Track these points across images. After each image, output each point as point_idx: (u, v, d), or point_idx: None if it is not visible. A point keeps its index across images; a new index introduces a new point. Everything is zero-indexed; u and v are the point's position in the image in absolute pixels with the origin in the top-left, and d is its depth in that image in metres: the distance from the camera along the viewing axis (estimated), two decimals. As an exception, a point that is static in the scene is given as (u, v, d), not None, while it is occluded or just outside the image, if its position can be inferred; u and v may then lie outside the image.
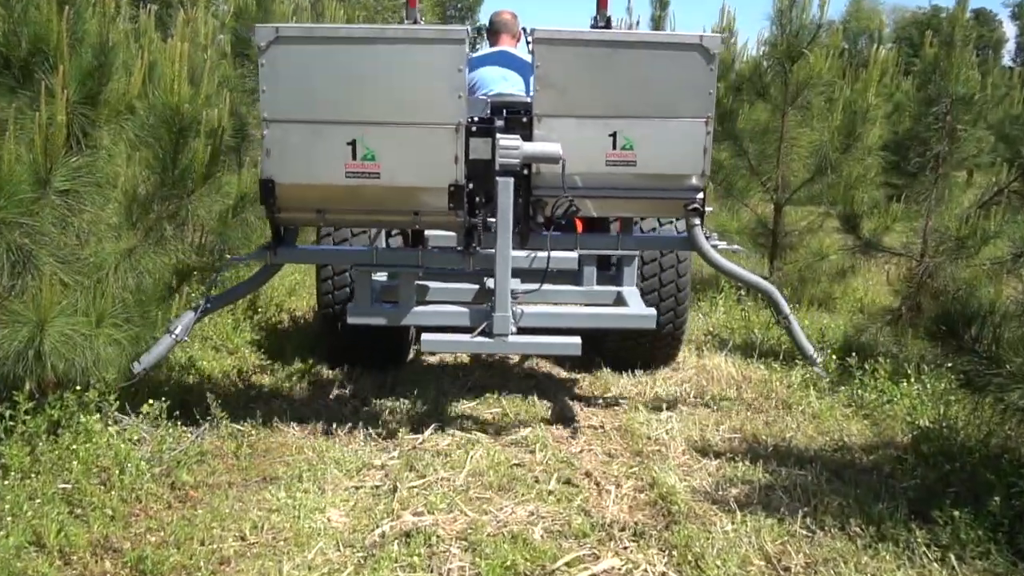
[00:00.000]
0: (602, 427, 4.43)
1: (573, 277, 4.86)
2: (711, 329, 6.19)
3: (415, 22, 5.29)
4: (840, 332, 5.69)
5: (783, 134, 7.19)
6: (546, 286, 4.59)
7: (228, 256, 4.42)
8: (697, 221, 4.35)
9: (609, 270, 5.03)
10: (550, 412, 4.62)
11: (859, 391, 4.70)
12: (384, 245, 4.91)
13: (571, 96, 4.06)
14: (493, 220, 4.16)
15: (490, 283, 4.38)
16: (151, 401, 3.83)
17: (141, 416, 3.84)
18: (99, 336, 3.60)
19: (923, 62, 5.87)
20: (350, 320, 4.41)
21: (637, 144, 4.10)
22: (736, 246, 5.06)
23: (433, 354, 5.53)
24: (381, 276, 4.87)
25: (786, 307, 4.62)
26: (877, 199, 6.48)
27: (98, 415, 3.63)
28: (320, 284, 5.05)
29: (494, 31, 5.48)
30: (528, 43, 4.58)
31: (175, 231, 4.03)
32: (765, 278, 4.94)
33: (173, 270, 4.15)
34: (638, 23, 11.97)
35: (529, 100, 4.47)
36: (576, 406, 4.73)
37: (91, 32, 3.75)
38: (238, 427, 4.19)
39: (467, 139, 3.99)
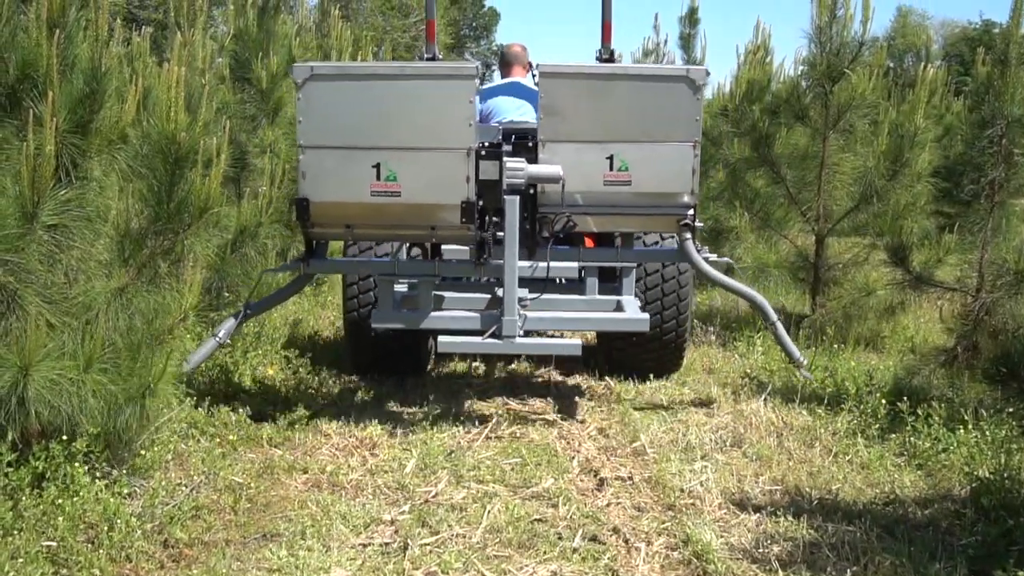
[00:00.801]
0: (630, 478, 4.40)
1: (578, 287, 5.68)
2: (748, 371, 6.17)
3: (433, 56, 6.10)
4: (890, 374, 5.65)
5: (824, 160, 7.20)
6: (552, 295, 5.48)
7: (227, 294, 4.47)
8: (689, 235, 5.22)
9: (613, 282, 5.69)
10: (574, 461, 4.61)
11: (912, 439, 4.66)
12: (404, 259, 5.76)
13: (572, 123, 5.01)
14: (502, 234, 5.07)
15: (499, 291, 5.26)
16: (142, 452, 3.84)
17: (132, 467, 3.85)
18: (87, 381, 3.62)
19: (975, 81, 5.88)
20: (374, 324, 5.26)
21: (632, 166, 5.02)
22: (726, 258, 5.94)
23: (448, 363, 5.56)
24: (402, 287, 5.69)
25: (773, 315, 5.55)
26: (928, 229, 6.48)
27: (86, 467, 3.64)
28: (346, 295, 5.94)
29: (506, 63, 6.54)
30: (534, 75, 5.61)
31: (170, 268, 4.07)
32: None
33: (167, 310, 4.18)
34: (666, 42, 12.14)
35: (536, 125, 5.25)
36: (602, 455, 4.71)
37: (82, 57, 3.80)
38: (236, 479, 4.19)
39: (477, 162, 4.89)
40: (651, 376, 6.03)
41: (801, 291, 7.65)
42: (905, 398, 4.85)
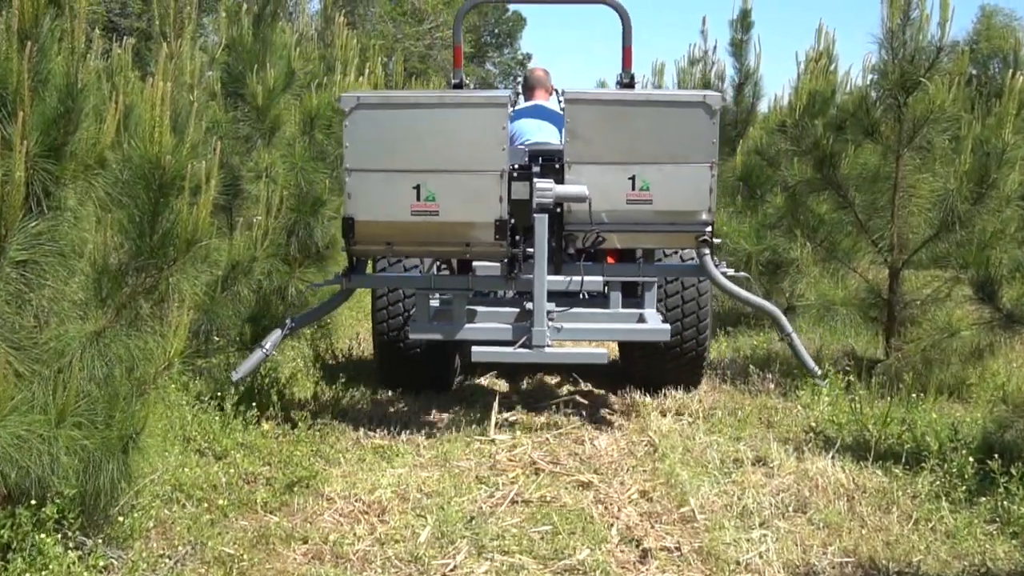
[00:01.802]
0: (678, 549, 4.37)
1: (602, 302, 6.78)
2: (813, 424, 6.12)
3: (460, 81, 7.35)
4: (978, 428, 5.59)
5: (898, 181, 7.18)
6: (579, 309, 6.63)
7: (216, 338, 4.49)
8: (707, 251, 6.23)
9: (636, 297, 6.78)
10: (612, 529, 4.58)
11: (1004, 503, 4.60)
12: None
13: (596, 146, 6.04)
14: (531, 250, 6.10)
15: (528, 305, 6.32)
16: (120, 518, 3.85)
17: (108, 536, 3.85)
18: (60, 437, 3.63)
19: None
20: (411, 336, 6.37)
21: (653, 185, 6.03)
22: (742, 272, 6.98)
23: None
24: (433, 302, 6.65)
25: (788, 327, 6.57)
26: (1019, 260, 6.40)
27: (57, 535, 3.65)
28: (375, 312, 6.92)
29: (529, 87, 7.90)
30: (560, 100, 6.67)
31: (153, 309, 4.09)
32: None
33: (150, 356, 4.20)
34: (715, 48, 12.19)
35: (561, 147, 6.30)
36: (645, 522, 4.68)
37: (57, 72, 3.85)
38: (227, 550, 4.19)
39: (509, 183, 5.97)
40: (700, 431, 6.01)
41: (873, 332, 7.59)
42: (996, 455, 4.80)
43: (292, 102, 7.50)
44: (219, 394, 5.72)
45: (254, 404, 5.81)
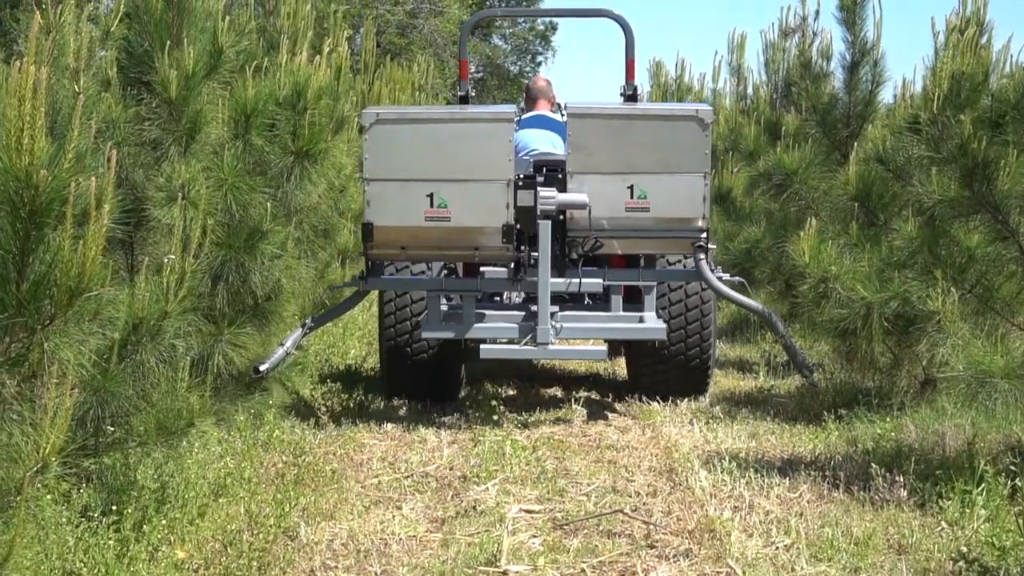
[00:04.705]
0: None
1: (604, 305, 9.65)
2: (964, 549, 6.05)
3: (466, 94, 11.12)
4: None
5: (1083, 201, 7.15)
6: (579, 312, 9.60)
7: (112, 428, 4.46)
8: (703, 256, 9.12)
9: (637, 302, 9.61)
10: None
11: None
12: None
13: (596, 157, 9.02)
14: (536, 254, 8.97)
15: (533, 308, 9.19)
16: None
17: None
18: None
19: None
20: (424, 335, 9.33)
21: (650, 194, 8.96)
22: (737, 277, 10.02)
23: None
24: (442, 306, 9.43)
25: (783, 328, 9.33)
26: None
27: None
28: (383, 319, 9.83)
29: (531, 98, 10.94)
30: (561, 112, 10.07)
31: (21, 387, 4.08)
32: None
33: (16, 456, 4.18)
34: (817, 14, 12.26)
35: (564, 157, 9.38)
36: None
37: None
38: None
39: (515, 191, 8.91)
40: (803, 558, 5.94)
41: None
42: None
43: (220, 93, 7.51)
44: (115, 507, 5.69)
45: (164, 521, 5.78)
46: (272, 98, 7.64)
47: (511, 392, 10.70)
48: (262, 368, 8.07)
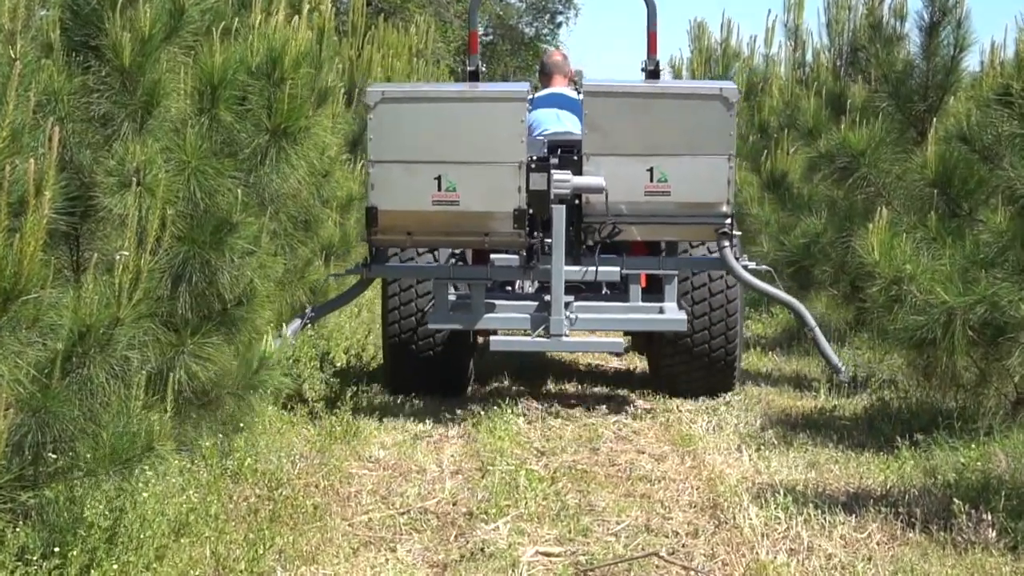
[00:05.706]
0: None
1: (622, 295, 10.57)
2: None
3: (476, 69, 11.54)
4: None
5: None
6: (596, 303, 10.48)
7: (54, 455, 4.47)
8: (727, 243, 9.94)
9: (658, 292, 10.46)
10: None
11: None
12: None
13: (614, 137, 9.79)
14: (549, 241, 9.79)
15: (546, 297, 9.94)
16: None
17: None
18: None
19: None
20: (431, 325, 10.19)
21: (671, 177, 9.72)
22: (764, 265, 10.90)
23: None
24: (450, 296, 10.38)
25: (811, 320, 10.34)
26: None
27: None
28: (387, 313, 10.83)
29: (547, 73, 12.04)
30: (578, 88, 11.01)
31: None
32: None
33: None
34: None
35: (580, 138, 10.19)
36: None
37: None
38: None
39: (528, 174, 9.69)
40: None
41: None
42: None
43: (182, 60, 7.49)
44: (57, 548, 5.69)
45: (116, 565, 5.78)
46: (243, 66, 7.62)
47: (525, 410, 10.59)
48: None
